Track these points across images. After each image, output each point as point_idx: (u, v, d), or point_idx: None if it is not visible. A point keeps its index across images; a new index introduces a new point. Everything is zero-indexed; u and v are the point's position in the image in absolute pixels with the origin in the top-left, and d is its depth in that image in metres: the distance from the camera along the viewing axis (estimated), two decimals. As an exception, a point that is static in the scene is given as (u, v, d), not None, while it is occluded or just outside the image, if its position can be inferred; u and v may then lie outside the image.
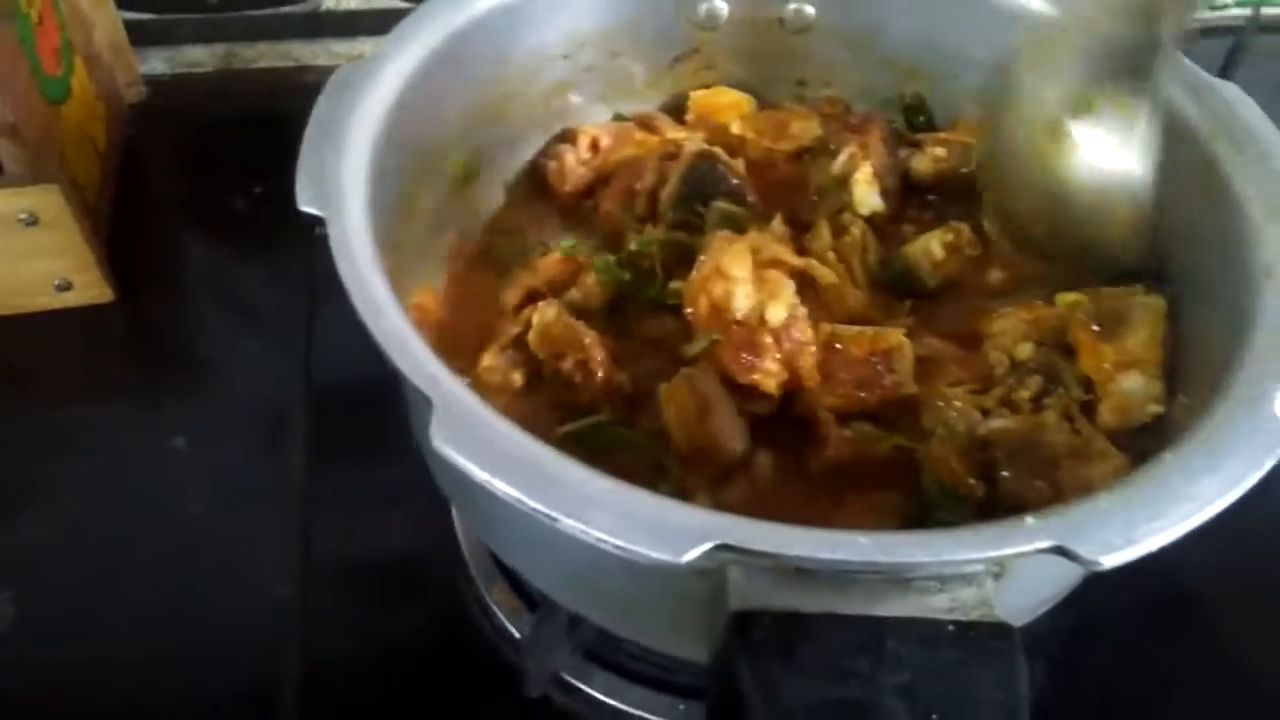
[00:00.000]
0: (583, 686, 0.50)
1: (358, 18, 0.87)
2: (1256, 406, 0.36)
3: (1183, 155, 0.47)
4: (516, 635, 0.52)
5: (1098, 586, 0.43)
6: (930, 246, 0.52)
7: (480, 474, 0.32)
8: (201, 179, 0.77)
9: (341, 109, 0.44)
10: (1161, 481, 0.34)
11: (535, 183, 0.59)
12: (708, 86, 0.61)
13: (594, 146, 0.57)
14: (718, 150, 0.55)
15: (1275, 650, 0.55)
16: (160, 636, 0.53)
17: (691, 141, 0.56)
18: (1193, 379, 0.38)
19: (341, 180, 0.41)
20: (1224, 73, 0.80)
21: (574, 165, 0.57)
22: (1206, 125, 0.46)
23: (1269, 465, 0.34)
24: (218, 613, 0.54)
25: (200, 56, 0.85)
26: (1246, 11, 0.79)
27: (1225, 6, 0.84)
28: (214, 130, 0.80)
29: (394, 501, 0.58)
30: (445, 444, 0.33)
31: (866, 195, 0.54)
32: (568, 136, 0.59)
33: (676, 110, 0.61)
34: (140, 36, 0.80)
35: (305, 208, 0.40)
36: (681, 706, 0.50)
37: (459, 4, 0.50)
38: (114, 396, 0.64)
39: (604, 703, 0.50)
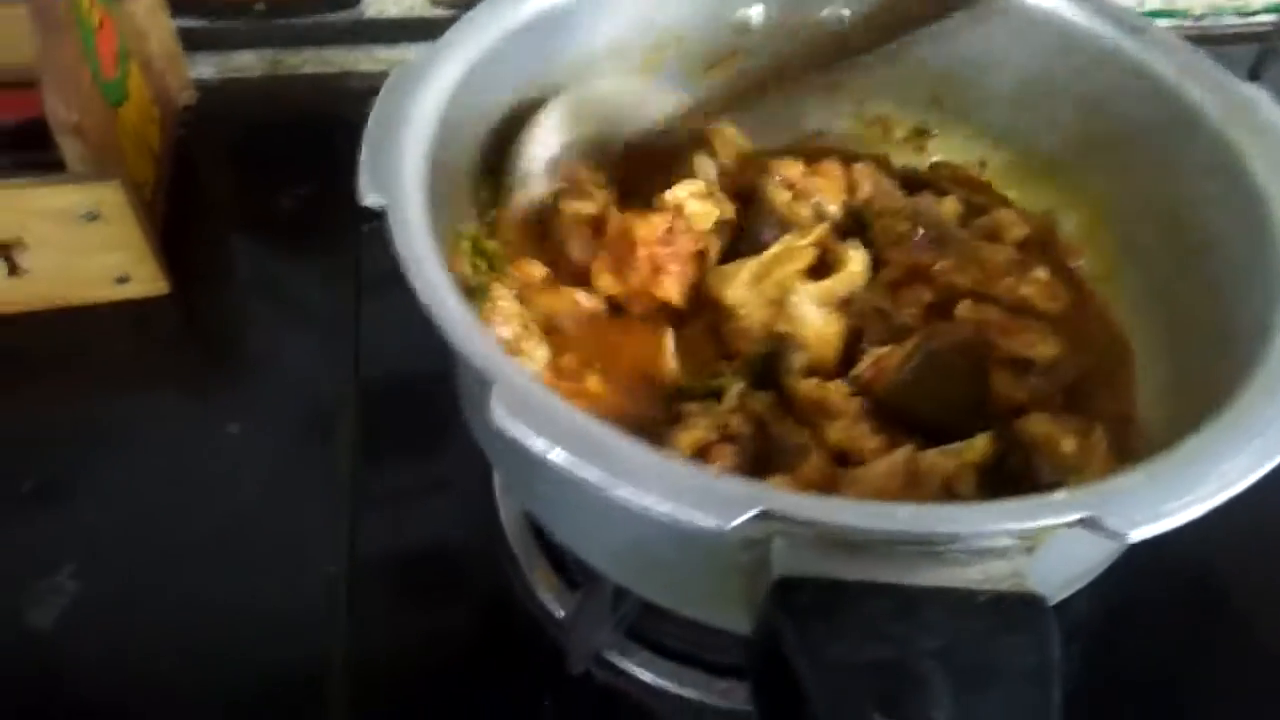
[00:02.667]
0: (623, 664, 0.52)
1: (399, 25, 0.89)
2: (1282, 390, 0.37)
3: (1204, 156, 0.48)
4: (559, 615, 0.54)
5: (1132, 574, 0.44)
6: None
7: (539, 445, 0.34)
8: (250, 179, 0.80)
9: (399, 108, 0.46)
10: (1189, 460, 0.35)
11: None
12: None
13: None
14: None
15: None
16: (213, 614, 0.55)
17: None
18: (1218, 366, 0.40)
19: (402, 174, 0.43)
20: (1252, 78, 0.80)
21: None
22: (1230, 125, 0.48)
23: (1294, 445, 0.35)
24: (269, 594, 0.56)
25: (248, 62, 0.88)
26: (1274, 17, 0.80)
27: (1254, 12, 0.85)
28: (261, 133, 0.83)
29: (438, 491, 0.60)
30: (505, 419, 0.35)
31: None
32: None
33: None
34: (191, 42, 0.83)
35: (368, 201, 0.42)
36: (722, 685, 0.51)
37: (509, 7, 0.52)
38: (170, 383, 0.66)
39: (643, 680, 0.52)
